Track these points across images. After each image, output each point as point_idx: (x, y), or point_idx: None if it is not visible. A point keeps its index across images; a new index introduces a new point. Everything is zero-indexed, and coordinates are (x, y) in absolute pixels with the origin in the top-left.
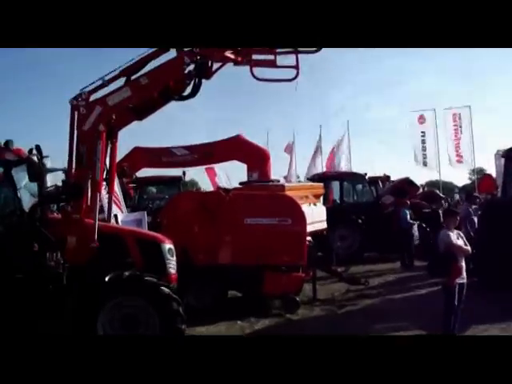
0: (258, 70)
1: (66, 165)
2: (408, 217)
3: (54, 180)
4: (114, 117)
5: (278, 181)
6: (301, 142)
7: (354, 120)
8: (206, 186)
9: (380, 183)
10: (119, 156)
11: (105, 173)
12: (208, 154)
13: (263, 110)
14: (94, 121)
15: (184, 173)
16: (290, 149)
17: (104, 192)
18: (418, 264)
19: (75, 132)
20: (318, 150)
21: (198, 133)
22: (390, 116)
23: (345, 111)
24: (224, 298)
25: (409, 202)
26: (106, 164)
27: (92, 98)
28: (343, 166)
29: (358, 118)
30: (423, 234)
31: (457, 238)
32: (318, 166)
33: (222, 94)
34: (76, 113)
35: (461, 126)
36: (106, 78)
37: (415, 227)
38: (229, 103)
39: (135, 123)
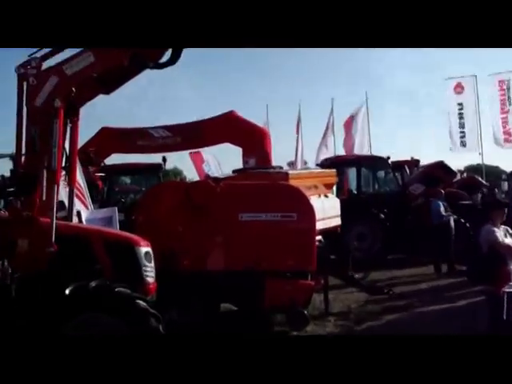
0: None
1: (14, 150)
2: (442, 209)
3: None
4: (73, 89)
5: (281, 167)
6: (309, 119)
7: (374, 91)
8: (191, 174)
9: (407, 169)
10: (83, 139)
11: (64, 160)
12: (194, 135)
13: (261, 79)
14: (49, 94)
15: (164, 159)
16: (296, 128)
17: (63, 184)
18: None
19: (24, 109)
20: (329, 128)
21: (180, 109)
22: (419, 85)
23: (362, 79)
24: (215, 313)
25: (443, 192)
26: (65, 149)
27: (45, 65)
28: (358, 147)
29: (379, 88)
30: (462, 231)
31: (504, 236)
32: (329, 148)
33: (208, 60)
34: (25, 84)
35: (509, 97)
36: None
37: (452, 222)
38: (218, 72)
39: (101, 97)
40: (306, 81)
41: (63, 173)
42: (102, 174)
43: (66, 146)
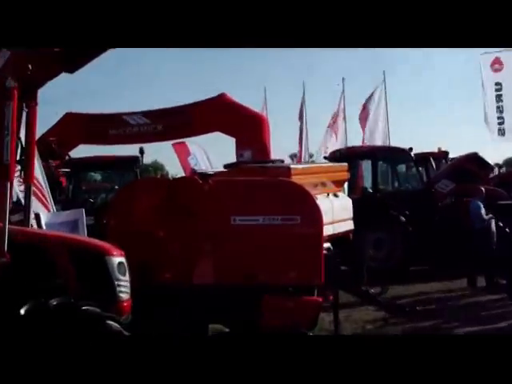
0: None
1: None
2: (483, 211)
3: None
4: (29, 67)
5: (282, 161)
6: (315, 103)
7: (393, 70)
8: (175, 169)
9: (433, 162)
10: (44, 127)
11: (19, 151)
12: (178, 122)
13: (258, 55)
14: None
15: (142, 151)
16: (299, 113)
17: (18, 181)
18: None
19: None
20: (339, 114)
21: (161, 92)
22: (447, 61)
23: (378, 56)
24: (203, 335)
25: (483, 190)
26: (20, 138)
27: None
28: (371, 134)
29: (399, 66)
30: (502, 238)
31: None
32: (340, 138)
33: None
34: None
35: None
36: None
37: (493, 226)
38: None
39: (64, 77)
40: (311, 57)
41: (18, 167)
42: (67, 170)
43: (22, 135)
